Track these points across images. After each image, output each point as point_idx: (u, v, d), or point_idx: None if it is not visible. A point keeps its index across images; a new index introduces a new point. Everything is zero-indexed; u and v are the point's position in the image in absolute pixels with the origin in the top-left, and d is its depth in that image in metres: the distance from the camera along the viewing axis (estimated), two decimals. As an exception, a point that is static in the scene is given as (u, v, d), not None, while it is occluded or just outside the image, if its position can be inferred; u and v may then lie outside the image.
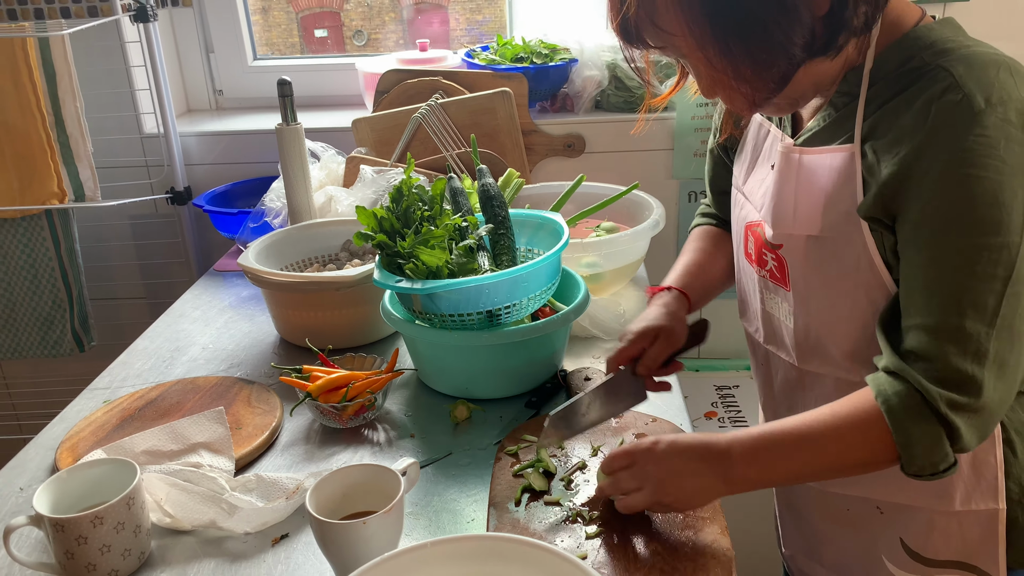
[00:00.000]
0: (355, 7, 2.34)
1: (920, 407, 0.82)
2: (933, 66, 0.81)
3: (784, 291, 0.98)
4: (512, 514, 0.95)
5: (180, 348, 1.44)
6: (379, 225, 1.20)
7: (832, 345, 0.95)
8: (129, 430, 1.15)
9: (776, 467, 0.89)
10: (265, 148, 2.06)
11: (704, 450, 0.88)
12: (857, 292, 0.90)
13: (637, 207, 1.60)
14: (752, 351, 1.15)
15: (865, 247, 0.87)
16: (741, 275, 1.11)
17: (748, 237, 1.04)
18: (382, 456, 1.11)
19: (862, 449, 0.86)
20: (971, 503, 0.98)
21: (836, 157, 0.88)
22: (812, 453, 0.88)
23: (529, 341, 1.17)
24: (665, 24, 0.81)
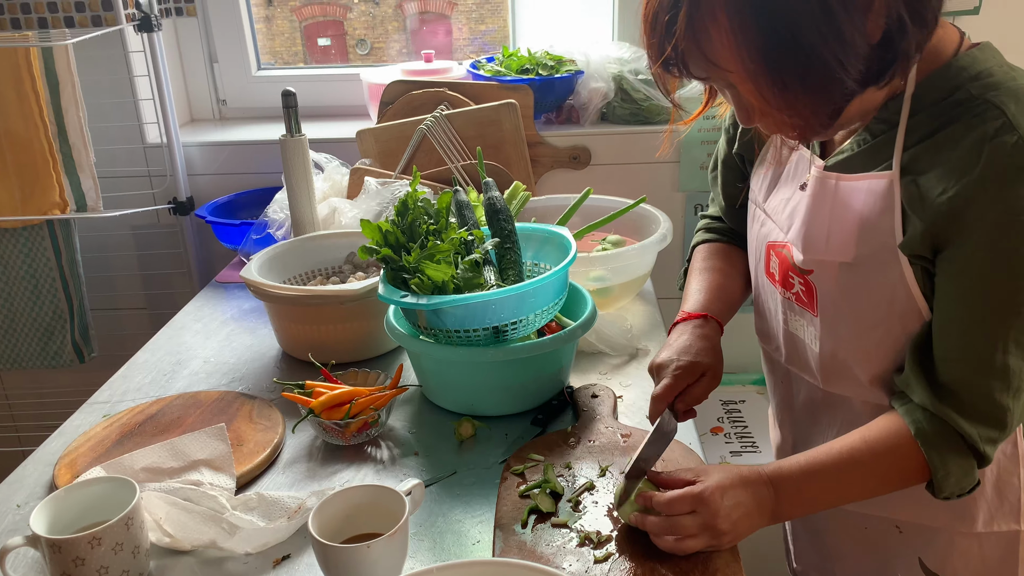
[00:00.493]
0: (358, 16, 2.34)
1: (958, 444, 0.85)
2: (981, 100, 0.79)
3: (811, 315, 0.96)
4: (519, 536, 0.93)
5: (181, 361, 1.42)
6: (384, 239, 1.18)
7: (860, 371, 0.94)
8: (129, 446, 1.13)
9: (817, 501, 0.93)
10: (269, 159, 2.05)
11: (754, 490, 0.89)
12: (891, 321, 0.89)
13: (644, 220, 1.58)
14: (771, 369, 1.13)
15: (902, 278, 0.86)
16: (760, 293, 1.08)
17: (771, 257, 1.02)
18: (385, 474, 1.10)
19: (897, 479, 0.90)
20: (993, 524, 0.97)
21: (874, 184, 0.86)
22: (850, 485, 0.90)
23: (536, 357, 1.16)
24: (718, 58, 0.78)
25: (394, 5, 2.31)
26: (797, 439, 1.11)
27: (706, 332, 1.06)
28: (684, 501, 0.87)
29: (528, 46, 2.05)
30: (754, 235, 1.08)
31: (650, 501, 0.89)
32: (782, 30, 0.73)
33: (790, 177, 1.00)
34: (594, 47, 1.99)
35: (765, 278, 1.05)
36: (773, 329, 1.07)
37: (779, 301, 1.02)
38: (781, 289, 1.01)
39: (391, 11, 2.33)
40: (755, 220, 1.07)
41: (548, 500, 0.98)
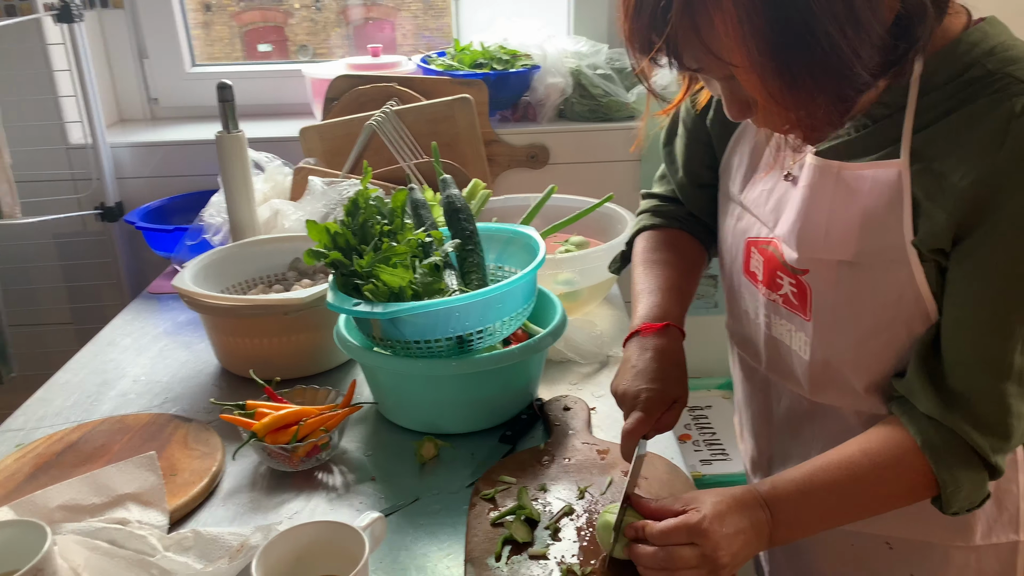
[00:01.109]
0: (300, 22, 2.20)
1: (968, 455, 0.78)
2: (1001, 75, 0.71)
3: (801, 319, 0.88)
4: (493, 572, 0.83)
5: (108, 381, 1.29)
6: (333, 241, 1.07)
7: (856, 379, 0.86)
8: (44, 480, 1.00)
9: (816, 522, 0.83)
10: (205, 160, 1.91)
11: (750, 514, 0.79)
12: (896, 325, 0.81)
13: (607, 220, 1.50)
14: (746, 377, 1.04)
15: (911, 277, 0.77)
16: (736, 293, 1.00)
17: (751, 255, 0.93)
18: (340, 504, 0.98)
19: (902, 495, 0.83)
20: (992, 536, 0.90)
21: (880, 174, 0.78)
22: (851, 503, 0.83)
23: (503, 369, 1.06)
24: (720, 49, 0.68)
25: (337, 10, 2.20)
26: (775, 453, 1.02)
27: (670, 347, 0.94)
28: (680, 531, 0.77)
29: (481, 40, 1.95)
30: (729, 230, 0.98)
31: (642, 531, 0.80)
32: (795, 18, 0.64)
33: (768, 166, 0.91)
34: (550, 41, 1.90)
35: (744, 278, 0.97)
36: (752, 334, 0.98)
37: (762, 303, 0.93)
38: (766, 291, 0.92)
39: (334, 16, 2.21)
40: (729, 214, 0.98)
41: (524, 528, 0.88)
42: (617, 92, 1.86)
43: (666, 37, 0.69)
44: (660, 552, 0.78)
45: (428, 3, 2.20)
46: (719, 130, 0.99)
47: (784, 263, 0.87)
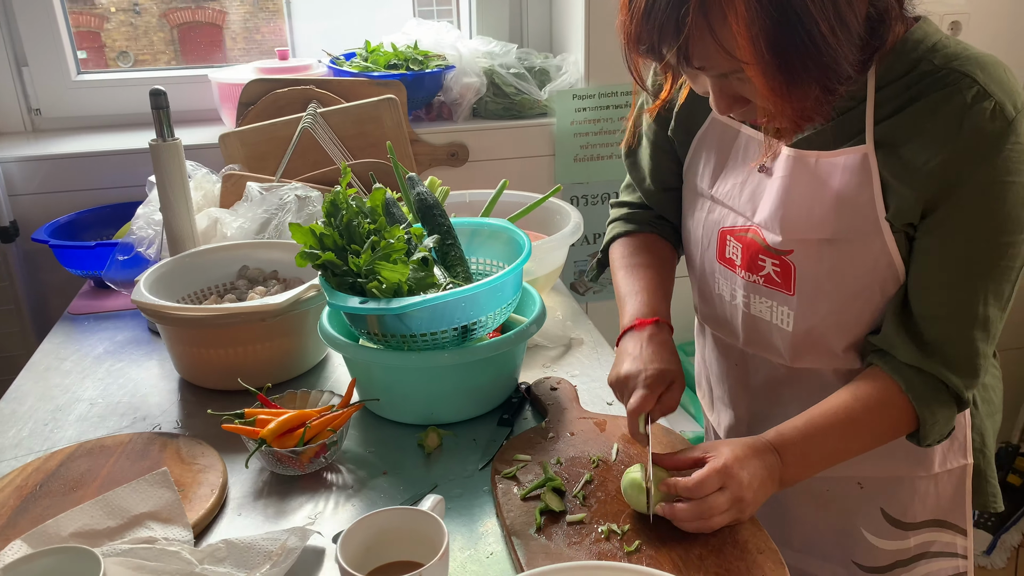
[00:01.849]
0: (117, 27, 2.07)
1: (943, 394, 0.91)
2: (948, 70, 0.83)
3: (784, 295, 0.98)
4: (538, 541, 0.88)
5: (62, 407, 1.21)
6: (320, 243, 1.08)
7: (836, 342, 0.97)
8: (37, 512, 0.94)
9: (819, 462, 0.93)
10: (107, 172, 1.82)
11: (763, 458, 0.89)
12: (872, 289, 0.92)
13: (545, 212, 1.56)
14: (721, 354, 1.14)
15: (884, 247, 0.89)
16: (710, 280, 1.08)
17: (727, 243, 1.03)
18: (359, 499, 0.99)
19: (890, 432, 0.93)
20: (947, 463, 1.04)
21: (850, 159, 0.88)
22: (848, 442, 0.93)
23: (497, 356, 1.10)
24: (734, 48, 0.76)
25: (158, 15, 2.10)
26: (753, 417, 1.12)
27: (663, 338, 1.03)
28: (711, 479, 0.86)
29: (392, 40, 1.97)
30: (698, 223, 1.07)
31: (674, 488, 0.87)
32: (794, 19, 0.73)
33: (739, 161, 1.01)
34: (463, 42, 1.95)
35: (718, 264, 1.06)
36: (728, 315, 1.08)
37: (740, 285, 1.03)
38: (746, 273, 1.01)
39: (155, 20, 2.10)
40: (698, 208, 1.07)
41: (556, 498, 0.93)
42: (530, 90, 1.93)
43: (680, 38, 0.76)
44: (696, 506, 0.85)
45: (258, 6, 2.15)
46: (682, 136, 1.08)
47: (767, 247, 0.96)
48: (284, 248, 1.41)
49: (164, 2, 2.09)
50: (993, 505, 1.06)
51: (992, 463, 1.07)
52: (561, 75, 1.95)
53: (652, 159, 1.15)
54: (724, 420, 1.17)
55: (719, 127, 1.04)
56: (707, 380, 1.21)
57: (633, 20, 0.81)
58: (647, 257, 1.14)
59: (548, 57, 2.00)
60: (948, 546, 1.08)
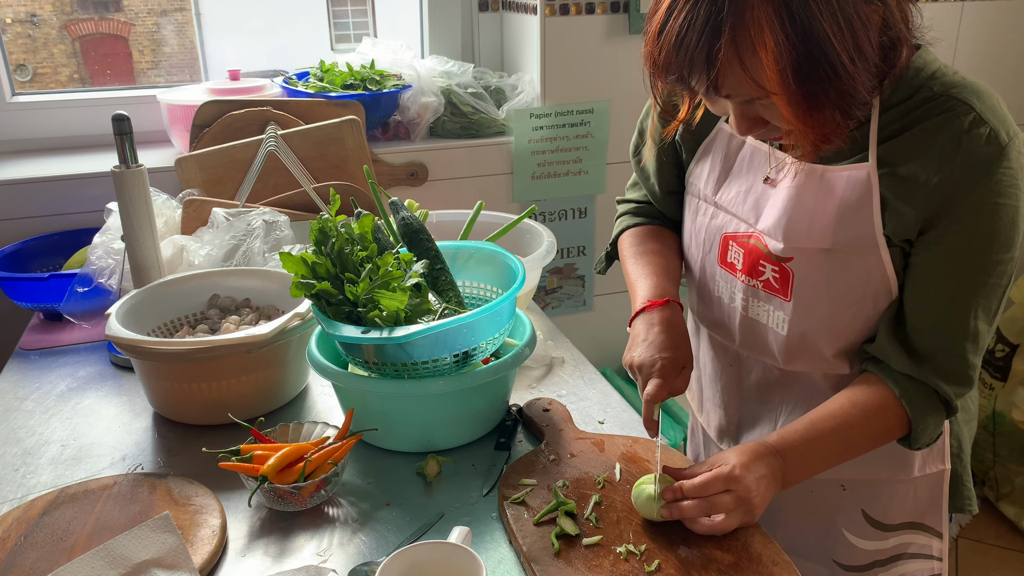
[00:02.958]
0: (13, 39, 1.96)
1: (934, 401, 0.96)
2: (947, 97, 0.88)
3: (780, 300, 1.01)
4: (558, 566, 0.88)
5: (31, 450, 1.15)
6: (312, 272, 1.06)
7: (827, 347, 1.01)
8: (27, 564, 0.89)
9: (819, 464, 0.97)
10: (46, 198, 1.74)
11: (767, 461, 0.93)
12: (865, 300, 0.96)
13: (517, 233, 1.57)
14: (716, 355, 1.17)
15: (879, 260, 0.93)
16: (710, 282, 1.12)
17: (729, 248, 1.06)
18: (366, 532, 0.98)
19: (883, 436, 0.98)
20: (926, 468, 1.09)
21: (853, 175, 0.93)
22: (846, 446, 0.97)
23: (494, 381, 1.10)
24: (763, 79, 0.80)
25: (58, 26, 2.02)
26: (744, 418, 1.16)
27: (675, 319, 1.06)
28: (717, 481, 0.90)
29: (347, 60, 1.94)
30: (701, 227, 1.11)
31: (679, 491, 0.91)
32: (818, 52, 0.77)
33: (744, 171, 1.05)
34: (418, 61, 1.94)
35: (719, 268, 1.09)
36: (726, 317, 1.11)
37: (740, 289, 1.06)
38: (746, 278, 1.05)
39: (55, 33, 2.01)
40: (700, 213, 1.11)
41: (570, 522, 0.93)
42: (487, 109, 1.94)
43: (710, 69, 0.79)
44: (701, 503, 0.90)
45: (168, 18, 2.09)
46: (690, 144, 1.12)
47: (768, 253, 1.00)
48: (256, 276, 1.37)
49: (64, 13, 2.01)
50: (969, 508, 1.12)
51: (968, 468, 1.13)
52: (517, 94, 1.96)
53: (658, 161, 1.18)
54: (714, 420, 1.21)
55: (725, 136, 1.08)
56: (698, 382, 1.24)
57: (662, 52, 0.84)
58: (655, 244, 1.19)
59: (503, 76, 2.02)
60: (924, 548, 1.13)
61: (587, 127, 2.03)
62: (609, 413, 1.23)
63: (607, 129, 2.06)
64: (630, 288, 1.14)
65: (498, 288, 1.22)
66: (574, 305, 2.23)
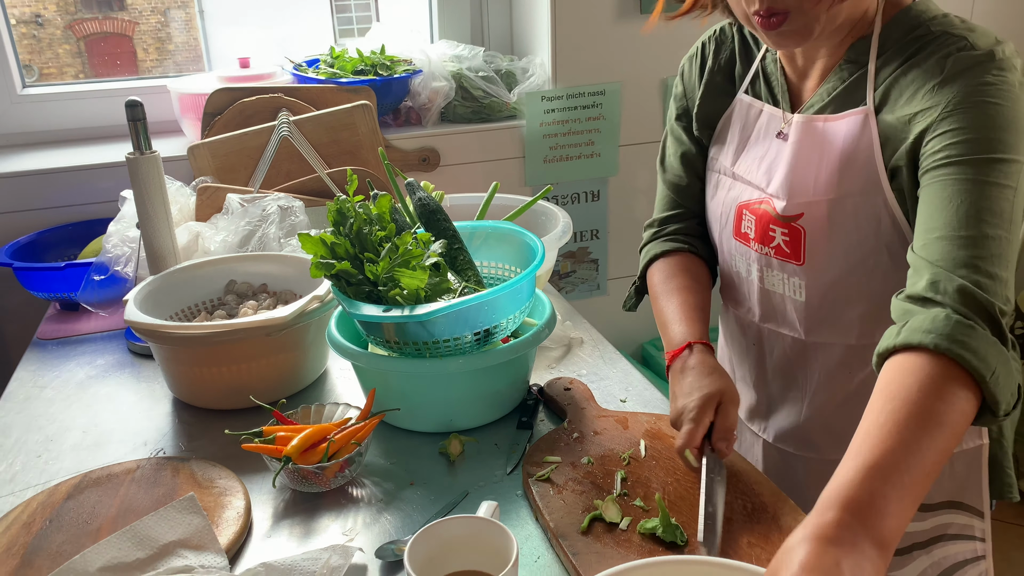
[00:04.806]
0: (19, 39, 1.95)
1: (981, 334, 0.75)
2: (941, 33, 0.88)
3: (794, 266, 1.00)
4: (586, 542, 0.87)
5: (53, 437, 1.15)
6: (332, 252, 1.05)
7: (848, 310, 0.99)
8: (53, 548, 0.89)
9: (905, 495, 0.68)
10: (59, 189, 1.74)
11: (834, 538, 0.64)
12: (878, 251, 0.94)
13: (532, 214, 1.56)
14: (741, 333, 1.16)
15: (886, 205, 0.92)
16: (729, 259, 1.11)
17: (743, 218, 1.05)
18: (391, 511, 0.97)
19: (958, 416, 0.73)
20: (963, 444, 1.06)
21: (852, 120, 0.93)
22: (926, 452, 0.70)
23: (515, 360, 1.09)
24: None
25: (63, 26, 2.02)
26: (772, 398, 1.15)
27: (701, 360, 1.00)
28: None
29: (357, 46, 1.93)
30: (719, 202, 1.10)
31: None
32: None
33: (760, 137, 1.04)
34: (431, 47, 1.93)
35: (735, 241, 1.08)
36: (745, 291, 1.10)
37: (754, 260, 1.05)
38: (758, 246, 1.04)
39: (60, 33, 2.02)
40: (719, 188, 1.10)
41: (615, 508, 0.91)
42: (498, 93, 1.93)
43: None
44: None
45: (169, 16, 2.09)
46: (706, 131, 1.13)
47: (776, 215, 0.99)
48: (272, 261, 1.37)
49: (68, 13, 2.01)
50: (1009, 494, 1.08)
51: (1009, 453, 1.08)
52: (528, 77, 1.95)
53: (676, 151, 1.19)
54: (745, 401, 1.19)
55: (744, 108, 1.08)
56: (729, 362, 1.22)
57: None
58: (684, 279, 1.13)
59: (514, 60, 2.00)
60: (965, 528, 1.08)
61: (599, 109, 2.01)
62: (631, 392, 1.22)
63: (619, 111, 2.04)
64: (660, 330, 1.10)
65: (516, 267, 1.21)
66: (588, 289, 2.22)
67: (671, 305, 1.10)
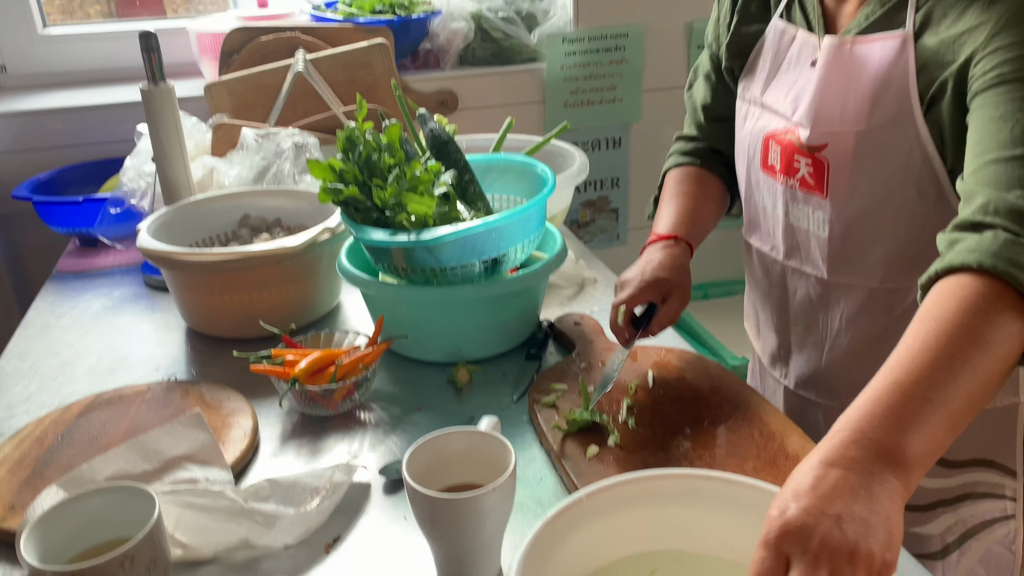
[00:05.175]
0: None
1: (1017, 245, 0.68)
2: None
3: (818, 199, 0.97)
4: (589, 463, 0.87)
5: (68, 361, 1.17)
6: (340, 178, 1.04)
7: (871, 250, 0.95)
8: (64, 460, 0.91)
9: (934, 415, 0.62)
10: (80, 128, 1.75)
11: (841, 461, 0.59)
12: (906, 188, 0.90)
13: (549, 155, 1.54)
14: (764, 273, 1.12)
15: (918, 139, 0.87)
16: (755, 192, 1.08)
17: (769, 148, 1.02)
18: (397, 434, 0.97)
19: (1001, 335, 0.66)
20: (996, 400, 1.01)
21: (888, 45, 0.87)
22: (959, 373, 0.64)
23: (523, 291, 1.09)
24: None
25: None
26: (793, 343, 1.12)
27: (675, 252, 1.04)
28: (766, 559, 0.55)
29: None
30: (747, 133, 1.06)
31: None
32: None
33: (794, 64, 0.99)
34: (448, -15, 1.90)
35: (762, 174, 1.05)
36: (770, 226, 1.07)
37: (779, 193, 1.02)
38: (783, 178, 1.01)
39: None
40: (748, 119, 1.06)
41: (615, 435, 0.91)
42: (519, 34, 1.90)
43: None
44: None
45: None
46: (737, 63, 1.08)
47: (801, 145, 0.96)
48: (287, 196, 1.37)
49: None
50: None
51: None
52: (549, 18, 1.92)
53: (705, 90, 1.17)
54: (768, 345, 1.16)
55: (777, 35, 1.03)
56: (753, 305, 1.19)
57: None
58: (691, 187, 1.15)
59: (535, 0, 1.97)
60: (995, 487, 1.04)
61: (622, 52, 1.97)
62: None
63: (642, 55, 2.00)
64: (654, 224, 1.12)
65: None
66: (607, 239, 2.20)
67: (672, 205, 1.11)
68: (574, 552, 0.66)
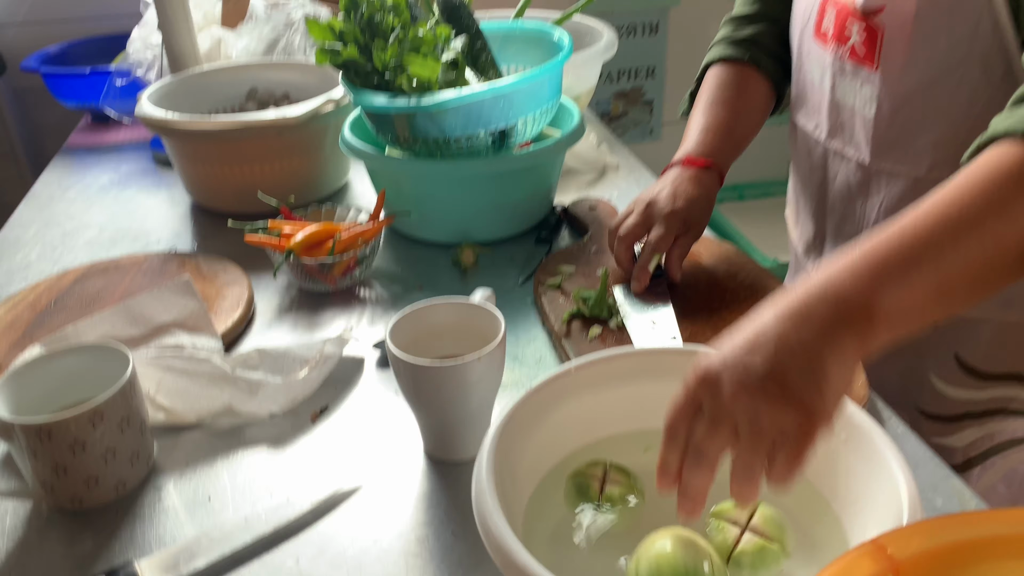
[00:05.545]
0: None
1: None
2: None
3: (867, 71, 0.87)
4: (590, 344, 0.82)
5: (70, 232, 1.15)
6: (340, 39, 0.98)
7: (921, 132, 0.86)
8: (54, 324, 0.89)
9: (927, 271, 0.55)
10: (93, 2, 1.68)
11: (803, 318, 0.52)
12: (969, 63, 0.80)
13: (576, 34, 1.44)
14: (806, 153, 1.03)
15: (990, 3, 0.76)
16: (804, 64, 0.98)
17: (825, 13, 0.91)
18: (396, 311, 0.93)
19: None
20: None
21: None
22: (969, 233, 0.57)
23: (532, 170, 1.02)
24: None
25: None
26: (828, 232, 1.03)
27: (707, 184, 0.95)
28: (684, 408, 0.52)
29: None
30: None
31: None
32: None
33: None
34: None
35: (813, 42, 0.95)
36: (815, 101, 0.97)
37: (828, 64, 0.92)
38: (834, 46, 0.90)
39: None
40: None
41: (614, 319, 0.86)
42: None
43: None
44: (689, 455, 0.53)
45: None
46: None
47: (856, 8, 0.86)
48: (296, 69, 1.30)
49: None
50: None
51: None
52: None
53: None
54: (805, 233, 1.08)
55: None
56: (794, 190, 1.11)
57: None
58: (731, 93, 1.03)
59: None
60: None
61: (661, -72, 1.84)
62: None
63: (684, -68, 1.86)
64: (685, 133, 1.01)
65: (546, 74, 1.12)
66: (640, 134, 2.10)
67: (706, 116, 1.00)
68: (560, 426, 0.62)
